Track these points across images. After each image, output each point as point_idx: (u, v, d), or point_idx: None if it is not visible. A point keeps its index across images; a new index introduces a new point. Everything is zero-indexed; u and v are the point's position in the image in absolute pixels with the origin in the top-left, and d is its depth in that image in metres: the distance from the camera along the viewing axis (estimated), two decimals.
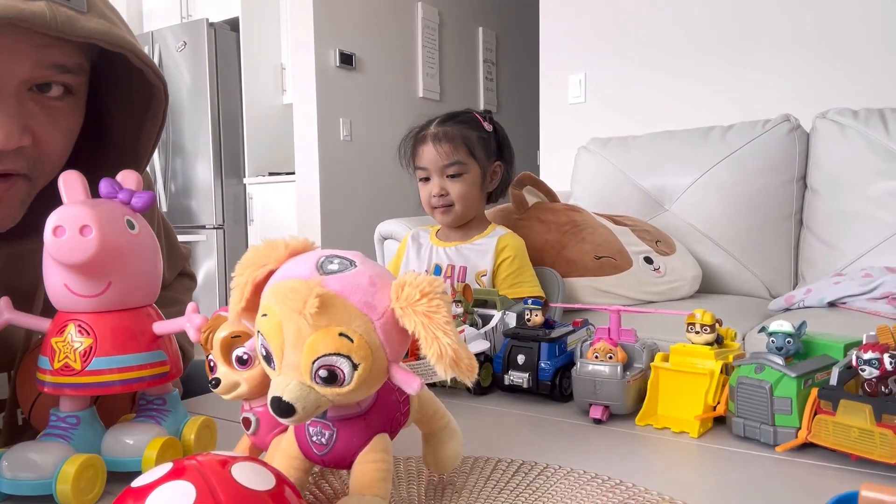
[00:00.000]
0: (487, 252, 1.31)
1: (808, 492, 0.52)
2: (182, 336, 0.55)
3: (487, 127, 1.33)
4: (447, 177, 1.28)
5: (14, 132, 0.51)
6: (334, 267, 0.40)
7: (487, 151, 1.32)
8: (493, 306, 0.91)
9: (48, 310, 0.53)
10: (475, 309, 0.88)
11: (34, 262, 0.51)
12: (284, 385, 0.38)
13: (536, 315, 0.79)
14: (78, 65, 0.56)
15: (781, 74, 2.27)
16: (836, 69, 2.18)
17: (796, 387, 0.60)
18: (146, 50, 3.84)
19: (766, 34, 2.30)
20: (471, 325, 0.84)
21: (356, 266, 0.40)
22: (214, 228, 3.79)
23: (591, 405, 0.70)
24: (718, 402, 0.66)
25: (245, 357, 0.50)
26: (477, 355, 0.77)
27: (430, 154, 1.29)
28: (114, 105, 0.63)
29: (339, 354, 0.38)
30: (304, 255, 0.42)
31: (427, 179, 1.31)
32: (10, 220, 0.57)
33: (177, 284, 0.93)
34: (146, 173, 0.74)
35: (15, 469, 0.49)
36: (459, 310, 0.83)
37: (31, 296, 0.64)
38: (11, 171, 0.54)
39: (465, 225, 1.35)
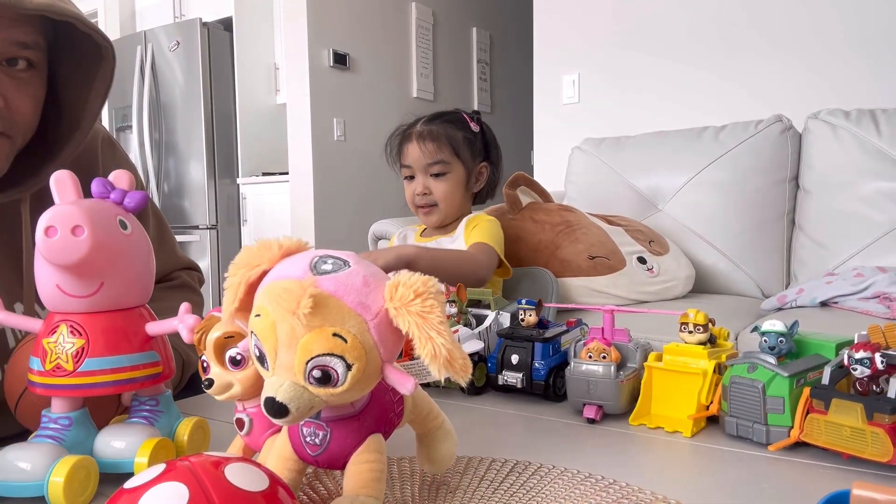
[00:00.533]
0: (460, 236, 1.31)
1: (800, 490, 0.53)
2: (187, 344, 0.56)
3: (474, 127, 1.33)
4: (431, 176, 1.28)
5: None
6: (328, 267, 0.40)
7: (473, 151, 1.32)
8: (488, 306, 0.91)
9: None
10: (469, 309, 0.88)
11: (17, 213, 0.63)
12: (278, 385, 0.38)
13: (530, 315, 0.79)
14: (36, 42, 0.65)
15: (774, 75, 2.28)
16: (828, 70, 2.19)
17: (789, 386, 0.60)
18: (138, 49, 3.85)
19: (758, 35, 2.31)
20: (465, 325, 0.84)
21: (350, 266, 0.40)
22: (208, 228, 3.78)
23: (584, 405, 0.70)
24: (711, 402, 0.66)
25: (238, 357, 0.50)
26: (471, 355, 0.77)
27: (414, 152, 1.29)
28: (70, 79, 0.72)
29: (332, 355, 0.38)
30: (298, 255, 0.42)
31: (412, 178, 1.31)
32: None
33: (177, 295, 0.90)
34: (136, 172, 0.81)
35: (6, 470, 0.49)
36: (453, 310, 0.84)
37: (17, 250, 0.70)
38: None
39: (449, 224, 1.35)
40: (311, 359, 0.37)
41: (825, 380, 0.59)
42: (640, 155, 2.01)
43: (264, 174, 3.81)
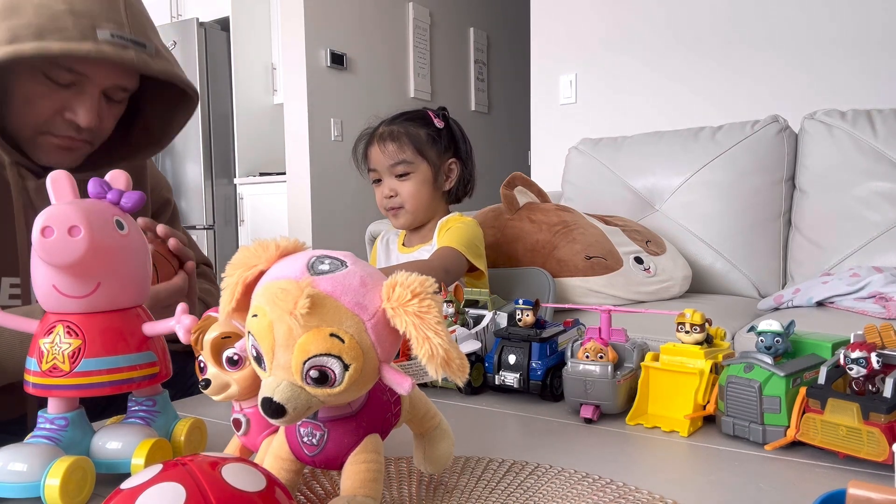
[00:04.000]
0: (436, 243, 1.26)
1: (796, 490, 0.53)
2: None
3: (438, 123, 1.29)
4: (396, 177, 1.25)
5: (95, 119, 0.81)
6: (325, 267, 0.40)
7: (438, 149, 1.28)
8: (485, 306, 0.91)
9: None
10: (466, 309, 0.89)
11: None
12: (275, 386, 0.38)
13: (527, 315, 0.79)
14: (134, 86, 0.86)
15: (770, 75, 2.29)
16: (824, 70, 2.20)
17: (785, 386, 0.60)
18: None
19: (755, 36, 2.32)
20: (462, 325, 0.84)
21: (347, 266, 0.40)
22: (205, 229, 3.77)
23: (581, 405, 0.70)
24: (708, 402, 0.66)
25: (235, 358, 0.49)
26: (468, 355, 0.77)
27: (377, 155, 1.27)
28: (157, 108, 0.93)
29: (329, 355, 0.38)
30: (295, 255, 0.42)
31: (380, 181, 1.28)
32: (73, 166, 0.86)
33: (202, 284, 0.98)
34: (164, 178, 1.08)
35: (2, 471, 0.49)
36: (451, 310, 0.84)
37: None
38: (87, 140, 0.84)
39: (424, 227, 1.31)
40: (309, 359, 0.37)
41: (821, 379, 0.59)
42: (637, 155, 2.01)
43: (261, 174, 3.80)
